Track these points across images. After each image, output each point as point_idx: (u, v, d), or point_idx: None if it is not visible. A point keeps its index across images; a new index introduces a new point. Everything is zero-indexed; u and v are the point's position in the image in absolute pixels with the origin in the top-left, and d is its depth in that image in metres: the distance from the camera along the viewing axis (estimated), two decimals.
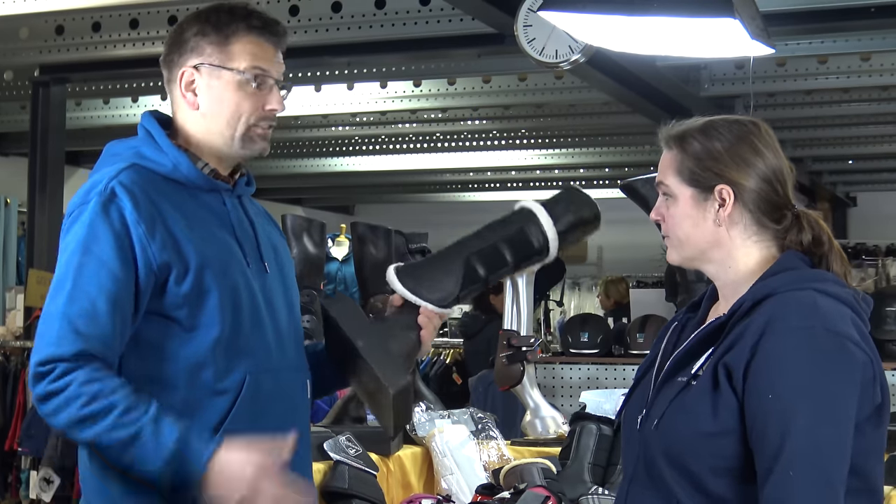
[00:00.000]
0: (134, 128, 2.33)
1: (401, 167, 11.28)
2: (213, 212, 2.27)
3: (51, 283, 2.15)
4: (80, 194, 2.20)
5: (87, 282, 2.10)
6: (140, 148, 2.26)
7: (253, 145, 2.29)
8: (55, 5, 5.89)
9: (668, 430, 1.94)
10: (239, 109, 2.27)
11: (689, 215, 2.03)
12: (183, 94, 2.29)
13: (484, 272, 2.49)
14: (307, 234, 3.99)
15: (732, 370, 1.90)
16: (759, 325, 1.90)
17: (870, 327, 2.00)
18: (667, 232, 2.07)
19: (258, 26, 2.27)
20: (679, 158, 2.04)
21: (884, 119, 9.00)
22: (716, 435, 1.89)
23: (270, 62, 2.29)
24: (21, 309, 7.16)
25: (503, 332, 4.06)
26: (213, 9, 2.31)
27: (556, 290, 10.99)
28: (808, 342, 1.87)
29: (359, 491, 3.09)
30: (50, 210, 7.08)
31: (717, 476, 1.90)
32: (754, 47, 3.09)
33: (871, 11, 5.56)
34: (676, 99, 7.28)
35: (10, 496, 6.21)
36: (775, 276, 1.98)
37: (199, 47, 2.28)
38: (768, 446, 1.84)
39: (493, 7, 5.24)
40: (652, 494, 1.97)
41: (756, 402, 1.86)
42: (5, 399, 6.34)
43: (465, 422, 3.76)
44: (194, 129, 2.29)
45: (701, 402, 1.91)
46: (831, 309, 1.92)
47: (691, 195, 2.03)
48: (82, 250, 2.12)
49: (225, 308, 2.18)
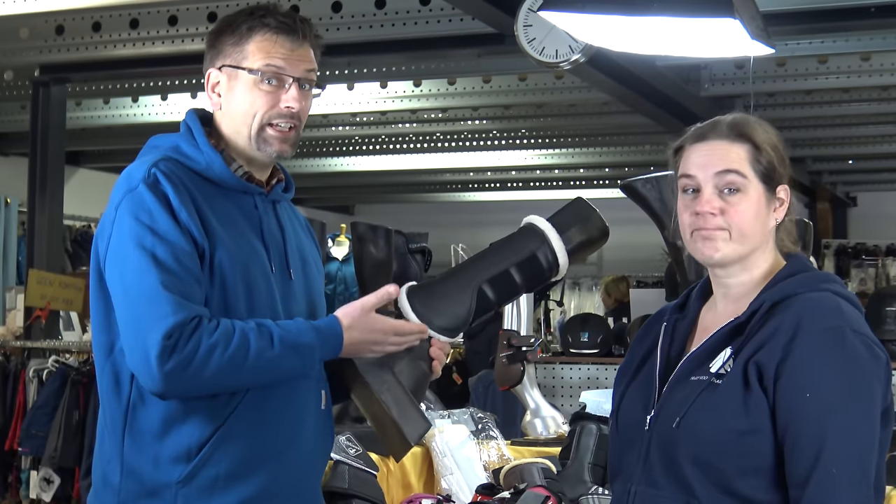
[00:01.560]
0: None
1: (401, 167, 11.28)
2: (243, 213, 2.27)
3: (124, 265, 2.13)
4: (123, 183, 2.20)
5: (165, 257, 2.11)
6: (179, 143, 2.28)
7: (268, 147, 2.28)
8: (55, 5, 5.89)
9: (694, 430, 1.94)
10: (253, 108, 2.28)
11: (759, 211, 2.04)
12: (209, 95, 2.33)
13: (495, 299, 2.44)
14: None
15: (764, 370, 1.91)
16: (790, 325, 1.92)
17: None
18: (725, 225, 2.03)
19: (273, 24, 2.27)
20: (754, 153, 2.04)
21: (884, 119, 9.01)
22: (747, 433, 1.90)
23: (288, 59, 2.28)
24: (21, 309, 7.15)
25: (503, 332, 4.07)
26: (239, 11, 2.33)
27: (556, 290, 10.98)
28: (840, 343, 1.90)
29: (359, 491, 3.09)
30: (50, 210, 7.08)
31: (744, 476, 1.90)
32: (754, 47, 3.09)
33: (871, 11, 5.56)
34: (676, 99, 7.28)
35: (10, 496, 6.21)
36: (793, 278, 2.00)
37: (222, 49, 2.30)
38: (807, 446, 1.86)
39: (493, 7, 5.24)
40: (666, 495, 1.96)
41: (791, 402, 1.88)
42: (5, 399, 6.34)
43: (465, 422, 3.76)
44: (224, 129, 2.32)
45: (730, 401, 1.92)
46: (851, 311, 1.96)
47: (763, 191, 2.04)
48: (149, 231, 2.12)
49: (239, 308, 2.18)
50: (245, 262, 2.21)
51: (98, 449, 2.27)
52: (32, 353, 6.43)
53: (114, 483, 2.20)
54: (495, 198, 13.18)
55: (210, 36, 2.35)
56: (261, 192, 2.31)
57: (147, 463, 2.17)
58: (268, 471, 2.21)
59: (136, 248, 2.12)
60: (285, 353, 2.14)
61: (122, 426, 2.19)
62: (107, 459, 2.22)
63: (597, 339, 6.09)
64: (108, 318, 2.21)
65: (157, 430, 2.16)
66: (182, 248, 2.13)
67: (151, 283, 2.09)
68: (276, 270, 2.28)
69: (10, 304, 7.98)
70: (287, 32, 2.28)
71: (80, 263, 9.57)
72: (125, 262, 2.13)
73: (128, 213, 2.15)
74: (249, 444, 2.19)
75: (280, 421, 2.23)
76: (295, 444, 2.27)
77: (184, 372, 2.07)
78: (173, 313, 2.07)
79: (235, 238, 2.22)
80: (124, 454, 2.19)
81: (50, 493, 5.88)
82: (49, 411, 5.94)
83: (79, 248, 9.95)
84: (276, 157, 2.31)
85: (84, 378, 5.89)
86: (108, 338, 2.22)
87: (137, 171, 2.19)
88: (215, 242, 2.18)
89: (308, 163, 11.47)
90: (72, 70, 6.94)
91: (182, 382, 2.08)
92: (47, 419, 5.92)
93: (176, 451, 2.16)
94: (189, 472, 2.15)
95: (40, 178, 7.04)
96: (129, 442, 2.18)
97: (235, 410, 2.18)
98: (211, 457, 2.16)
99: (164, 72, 7.05)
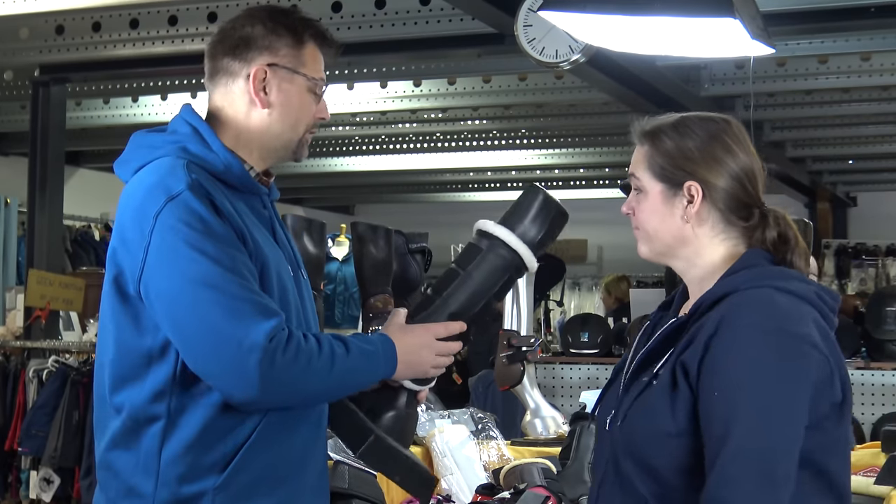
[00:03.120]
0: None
1: (401, 167, 11.27)
2: (258, 215, 2.26)
3: (184, 273, 2.06)
4: (158, 190, 2.10)
5: (232, 262, 2.07)
6: (185, 144, 2.21)
7: (302, 151, 2.33)
8: (55, 5, 5.89)
9: (631, 430, 1.95)
10: (305, 115, 2.29)
11: (658, 210, 2.05)
12: (255, 91, 2.25)
13: (468, 325, 2.39)
14: (307, 234, 3.99)
15: (688, 368, 1.90)
16: (714, 322, 1.90)
17: (836, 324, 1.98)
18: (636, 225, 2.10)
19: (325, 36, 2.32)
20: (650, 154, 2.05)
21: (884, 119, 9.00)
22: (675, 435, 1.89)
23: (323, 73, 2.33)
24: (21, 309, 7.15)
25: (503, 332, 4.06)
26: (278, 11, 2.30)
27: (556, 290, 10.99)
28: (757, 340, 1.86)
29: (359, 491, 3.09)
30: (50, 210, 7.08)
31: (680, 473, 1.90)
32: (754, 47, 3.09)
33: (871, 11, 5.56)
34: (676, 99, 7.27)
35: (10, 496, 6.21)
36: (736, 274, 1.98)
37: (274, 47, 2.26)
38: (712, 442, 1.84)
39: (493, 7, 5.24)
40: (621, 495, 1.97)
41: (705, 399, 1.87)
42: (5, 399, 6.33)
43: (465, 422, 3.76)
44: (254, 126, 2.27)
45: (660, 402, 1.92)
46: (789, 307, 1.91)
47: (661, 191, 2.05)
48: (208, 238, 2.07)
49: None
50: (277, 265, 2.21)
51: (113, 459, 2.20)
52: (32, 353, 6.43)
53: (146, 493, 2.14)
54: (495, 198, 13.17)
55: (240, 28, 2.27)
56: (266, 192, 2.31)
57: (185, 472, 2.13)
58: (298, 474, 2.22)
59: (201, 254, 2.06)
60: (359, 361, 2.16)
61: (160, 436, 2.14)
62: (131, 470, 2.16)
63: (597, 339, 6.10)
64: (138, 328, 2.14)
65: (196, 438, 2.13)
66: (241, 253, 2.11)
67: (230, 288, 2.04)
68: (293, 271, 2.28)
69: (10, 304, 7.98)
70: (331, 47, 2.33)
71: (80, 263, 9.58)
72: (186, 270, 2.06)
73: (176, 220, 2.07)
74: (281, 449, 2.19)
75: (306, 423, 2.24)
76: (319, 445, 2.29)
77: (286, 377, 2.05)
78: (265, 318, 2.04)
79: (262, 241, 2.20)
80: (161, 464, 2.13)
81: (50, 493, 5.88)
82: (49, 411, 5.94)
83: (79, 248, 9.95)
84: (297, 160, 2.35)
85: (84, 378, 5.88)
86: (138, 347, 2.15)
87: (174, 177, 2.11)
88: (256, 247, 2.16)
89: (308, 163, 11.46)
90: (72, 70, 6.94)
91: (282, 388, 2.06)
92: (47, 419, 5.92)
93: (212, 458, 2.13)
94: (225, 479, 2.13)
95: (40, 178, 7.04)
96: (167, 452, 2.13)
97: (266, 415, 2.16)
98: (246, 463, 2.14)
99: (164, 72, 7.04)
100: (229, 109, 2.28)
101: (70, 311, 7.10)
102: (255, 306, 2.05)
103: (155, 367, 2.14)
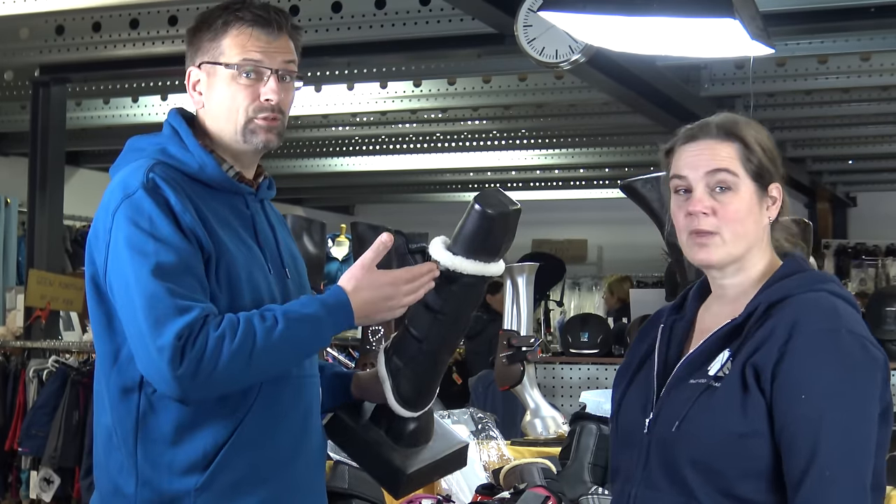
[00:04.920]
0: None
1: (401, 167, 11.28)
2: (237, 214, 2.25)
3: (126, 273, 2.09)
4: (118, 189, 2.15)
5: (168, 262, 2.07)
6: (166, 146, 2.23)
7: (255, 137, 2.24)
8: (55, 5, 5.89)
9: (694, 433, 1.94)
10: (234, 103, 2.23)
11: (753, 211, 2.02)
12: (191, 94, 2.28)
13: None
14: (307, 234, 3.99)
15: (760, 371, 1.90)
16: (786, 326, 1.91)
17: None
18: (717, 227, 2.01)
19: (248, 18, 2.23)
20: (744, 151, 2.02)
21: (884, 119, 9.01)
22: (746, 436, 1.90)
23: (265, 52, 2.24)
24: (21, 309, 7.16)
25: (503, 332, 4.07)
26: (215, 6, 2.29)
27: (556, 290, 10.99)
28: (835, 344, 1.89)
29: (359, 491, 3.09)
30: (50, 210, 7.08)
31: (744, 478, 1.90)
32: (754, 47, 3.09)
33: (871, 11, 5.57)
34: (676, 99, 7.28)
35: (10, 496, 6.21)
36: (789, 279, 1.99)
37: (200, 46, 2.27)
38: (802, 447, 1.86)
39: (493, 7, 5.24)
40: (666, 498, 1.96)
41: (787, 403, 1.88)
42: (5, 399, 6.34)
43: (465, 422, 3.76)
44: (209, 127, 2.27)
45: (729, 404, 1.91)
46: (848, 311, 1.95)
47: (754, 190, 2.03)
48: (150, 238, 2.09)
49: (246, 311, 2.14)
50: (248, 265, 2.20)
51: (103, 458, 2.23)
52: (32, 353, 6.43)
53: (128, 493, 2.15)
54: None
55: (188, 34, 2.31)
56: (250, 192, 2.29)
57: (163, 471, 2.13)
58: (284, 472, 2.21)
59: (138, 254, 2.08)
60: (292, 326, 2.09)
61: (133, 435, 2.15)
62: (116, 469, 2.18)
63: (597, 339, 6.08)
64: (110, 326, 2.18)
65: (171, 437, 2.13)
66: (185, 253, 2.09)
67: (155, 289, 2.05)
68: (273, 271, 2.26)
69: (10, 304, 7.99)
70: (263, 25, 2.24)
71: (80, 263, 9.56)
72: (127, 270, 2.09)
73: (126, 220, 2.10)
74: (264, 447, 2.18)
75: (292, 421, 2.23)
76: (306, 443, 2.27)
77: (197, 370, 2.03)
78: (180, 317, 2.04)
79: (234, 240, 2.20)
80: (138, 464, 2.15)
81: (50, 493, 5.88)
82: (49, 411, 5.94)
83: (79, 248, 9.94)
84: (262, 148, 2.26)
85: (84, 378, 5.89)
86: (111, 346, 2.18)
87: (134, 177, 2.14)
88: (220, 246, 2.15)
89: (308, 163, 11.47)
90: (72, 70, 6.95)
91: (198, 382, 2.04)
92: (47, 419, 5.92)
93: (192, 457, 2.13)
94: (206, 479, 2.12)
95: (40, 178, 7.05)
96: (142, 451, 2.14)
97: (248, 414, 2.16)
98: (228, 462, 2.14)
99: (164, 72, 7.04)
100: (196, 113, 2.31)
101: (70, 311, 7.10)
102: (171, 307, 2.05)
103: (124, 366, 2.16)
